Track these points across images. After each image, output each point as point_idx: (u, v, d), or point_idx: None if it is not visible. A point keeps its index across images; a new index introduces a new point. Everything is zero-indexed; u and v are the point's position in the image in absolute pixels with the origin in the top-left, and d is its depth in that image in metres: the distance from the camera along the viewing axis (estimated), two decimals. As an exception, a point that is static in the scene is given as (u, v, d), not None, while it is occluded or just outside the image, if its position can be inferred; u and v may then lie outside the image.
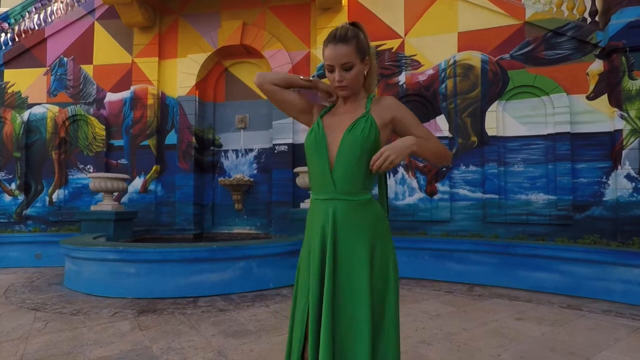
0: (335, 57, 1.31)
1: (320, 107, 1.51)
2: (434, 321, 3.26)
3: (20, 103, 6.97)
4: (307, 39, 6.44)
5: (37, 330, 3.01)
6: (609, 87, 4.80)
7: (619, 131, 4.67)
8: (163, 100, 6.84)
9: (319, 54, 6.23)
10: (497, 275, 4.58)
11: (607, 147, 4.80)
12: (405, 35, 5.91)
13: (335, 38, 1.31)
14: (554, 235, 4.93)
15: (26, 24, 7.16)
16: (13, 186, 6.84)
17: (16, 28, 7.18)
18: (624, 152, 4.63)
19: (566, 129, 4.96)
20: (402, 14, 5.94)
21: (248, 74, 6.92)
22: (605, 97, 4.84)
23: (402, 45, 5.91)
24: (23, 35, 7.13)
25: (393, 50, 5.94)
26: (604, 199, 4.78)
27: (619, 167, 4.65)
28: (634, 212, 4.53)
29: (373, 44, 5.72)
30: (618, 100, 4.70)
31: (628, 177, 4.60)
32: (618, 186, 4.65)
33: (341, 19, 6.11)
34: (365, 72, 1.40)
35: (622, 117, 4.67)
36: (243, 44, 6.59)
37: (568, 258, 4.22)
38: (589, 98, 4.94)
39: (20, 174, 6.81)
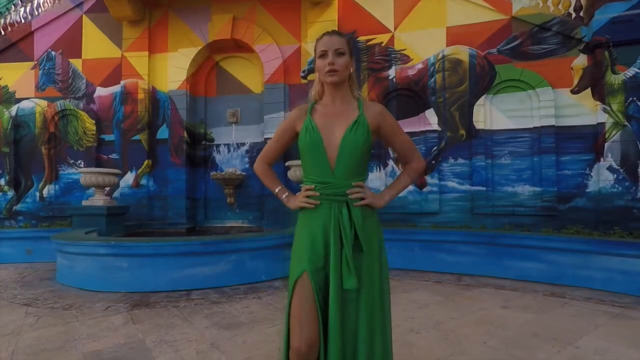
0: (329, 43, 1.43)
1: (302, 110, 1.53)
2: (423, 310, 3.35)
3: (8, 97, 6.88)
4: (298, 33, 6.45)
5: (28, 325, 3.02)
6: (593, 81, 4.91)
7: (602, 124, 4.79)
8: (154, 95, 6.80)
9: (309, 48, 6.23)
10: (484, 265, 4.70)
11: (591, 139, 4.91)
12: (395, 29, 5.95)
13: (331, 31, 1.49)
14: (540, 225, 5.05)
15: (12, 16, 7.05)
16: (2, 182, 6.78)
17: (2, 21, 7.06)
18: (606, 144, 4.76)
19: (551, 122, 5.07)
20: (392, 8, 5.97)
21: (239, 69, 6.91)
22: (589, 91, 4.95)
23: (391, 39, 5.95)
24: (9, 29, 7.02)
25: (383, 45, 5.98)
26: (587, 190, 4.91)
27: (602, 160, 4.77)
28: (615, 203, 4.67)
29: (363, 38, 5.79)
30: (601, 94, 4.82)
31: (610, 169, 4.73)
32: (600, 178, 4.77)
33: (331, 14, 6.13)
34: (351, 70, 1.50)
35: (605, 110, 4.78)
36: (234, 38, 6.57)
37: (552, 248, 4.35)
38: (573, 92, 5.04)
39: (10, 170, 6.75)
